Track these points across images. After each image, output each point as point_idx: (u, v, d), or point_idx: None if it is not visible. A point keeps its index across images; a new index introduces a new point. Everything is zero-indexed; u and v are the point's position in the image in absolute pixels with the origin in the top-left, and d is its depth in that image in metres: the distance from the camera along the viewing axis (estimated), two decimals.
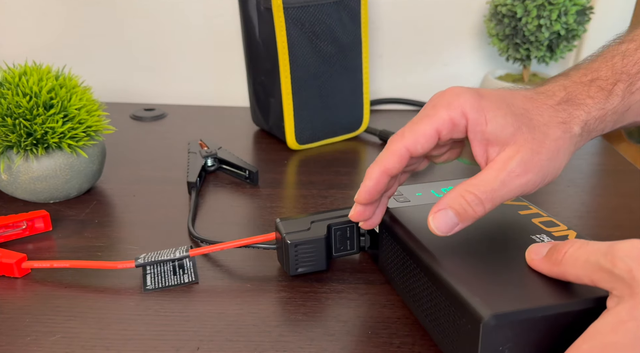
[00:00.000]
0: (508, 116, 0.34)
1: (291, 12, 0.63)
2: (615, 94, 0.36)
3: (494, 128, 0.33)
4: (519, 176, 0.33)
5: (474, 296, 0.30)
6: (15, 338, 0.36)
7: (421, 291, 0.36)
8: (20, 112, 0.49)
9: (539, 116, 0.35)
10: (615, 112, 0.36)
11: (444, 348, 0.33)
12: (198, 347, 0.36)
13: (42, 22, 0.85)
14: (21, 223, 0.48)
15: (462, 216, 0.33)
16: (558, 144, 0.34)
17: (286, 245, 0.41)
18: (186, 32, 0.85)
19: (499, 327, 0.28)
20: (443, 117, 0.34)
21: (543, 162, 0.33)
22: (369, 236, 0.44)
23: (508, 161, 0.33)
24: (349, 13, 0.67)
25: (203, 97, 0.89)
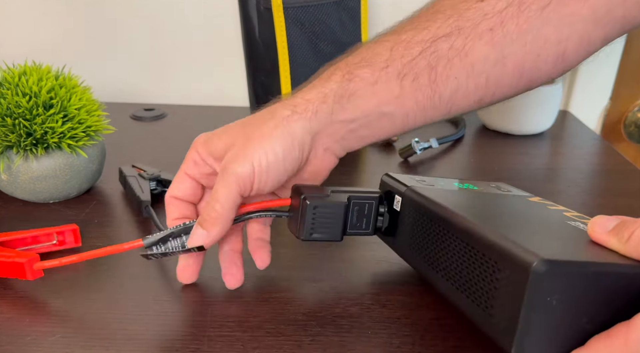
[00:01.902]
0: (224, 134, 0.39)
1: (291, 12, 0.63)
2: (332, 80, 0.38)
3: (213, 147, 0.39)
4: (225, 170, 0.36)
5: (519, 245, 0.28)
6: (15, 338, 0.36)
7: (451, 258, 0.33)
8: (20, 112, 0.49)
9: (252, 118, 0.39)
10: (335, 94, 0.38)
11: (476, 315, 0.31)
12: (198, 347, 0.36)
13: (42, 22, 0.85)
14: (52, 236, 0.46)
15: (206, 225, 0.37)
16: (262, 130, 0.37)
17: (305, 206, 0.38)
18: (186, 32, 0.85)
19: (549, 274, 0.26)
20: (186, 160, 0.40)
21: (247, 150, 0.36)
22: (388, 216, 0.41)
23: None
24: (349, 13, 0.67)
25: (203, 97, 0.89)
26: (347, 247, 0.48)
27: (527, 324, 0.26)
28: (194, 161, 0.40)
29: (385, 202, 0.41)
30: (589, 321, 0.27)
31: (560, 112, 0.86)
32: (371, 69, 0.38)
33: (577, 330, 0.27)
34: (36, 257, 0.40)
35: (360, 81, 0.38)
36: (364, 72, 0.38)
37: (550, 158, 0.71)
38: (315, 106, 0.38)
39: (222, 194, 0.36)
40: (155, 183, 0.55)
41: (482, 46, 0.36)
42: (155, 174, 0.56)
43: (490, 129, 0.79)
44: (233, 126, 0.40)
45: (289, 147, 0.37)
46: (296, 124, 0.37)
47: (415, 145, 0.67)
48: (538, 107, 0.75)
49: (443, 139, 0.72)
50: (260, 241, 0.42)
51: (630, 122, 0.90)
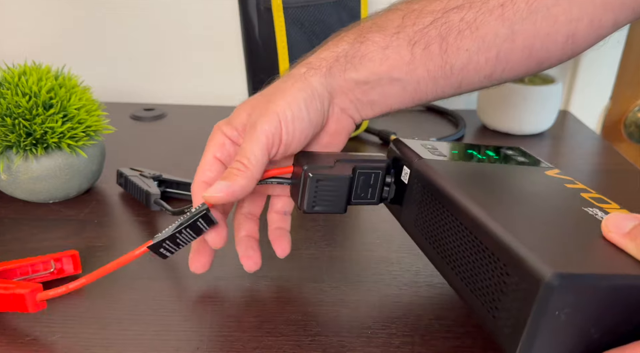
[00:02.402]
0: (244, 107, 0.39)
1: (291, 12, 0.63)
2: (344, 41, 0.39)
3: (236, 122, 0.39)
4: (253, 127, 0.36)
5: (532, 252, 0.26)
6: (15, 338, 0.36)
7: (458, 247, 0.31)
8: (19, 112, 0.49)
9: (271, 87, 0.39)
10: (346, 55, 0.38)
11: (480, 313, 0.29)
12: (198, 347, 0.36)
13: (41, 22, 0.85)
14: (49, 264, 0.42)
15: (229, 176, 0.35)
16: (281, 87, 0.37)
17: (306, 178, 0.37)
18: (186, 32, 0.85)
19: (561, 289, 0.24)
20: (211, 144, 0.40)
21: (270, 106, 0.36)
22: (395, 186, 0.40)
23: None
24: (349, 13, 0.67)
25: (203, 97, 0.89)
26: (347, 247, 0.48)
27: (533, 335, 0.25)
28: (221, 144, 0.39)
29: (392, 171, 0.39)
30: (597, 332, 0.26)
31: (561, 112, 0.86)
32: (382, 34, 0.38)
33: (585, 341, 0.26)
34: (39, 287, 0.36)
35: (372, 44, 0.38)
36: (376, 36, 0.38)
37: (551, 157, 0.71)
38: (329, 63, 0.38)
39: (250, 149, 0.35)
40: (157, 183, 0.55)
41: (492, 21, 0.37)
42: (157, 174, 0.56)
43: (490, 129, 0.79)
44: (250, 98, 0.40)
45: (309, 97, 0.37)
46: (313, 79, 0.38)
47: None
48: (538, 107, 0.75)
49: (443, 139, 0.72)
50: (280, 230, 0.42)
51: (630, 122, 0.90)
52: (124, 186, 0.57)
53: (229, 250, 0.47)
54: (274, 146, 0.36)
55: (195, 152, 0.69)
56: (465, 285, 0.30)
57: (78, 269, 0.43)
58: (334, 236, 0.49)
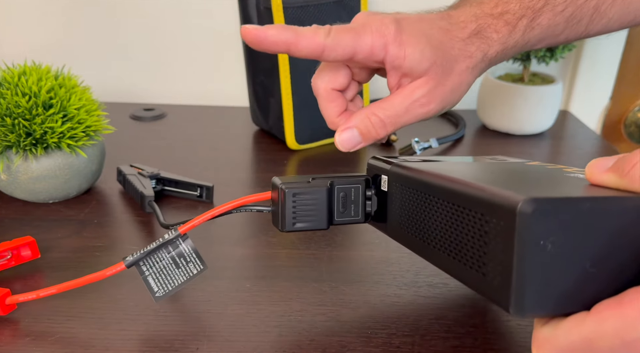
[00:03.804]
0: (426, 51, 0.35)
1: (291, 12, 0.63)
2: (518, 29, 0.38)
3: (411, 63, 0.35)
4: (422, 106, 0.36)
5: (505, 189, 0.25)
6: (14, 338, 0.36)
7: (439, 223, 0.31)
8: (19, 112, 0.49)
9: (452, 49, 0.37)
10: (515, 46, 0.38)
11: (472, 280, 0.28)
12: (197, 347, 0.36)
13: (41, 22, 0.85)
14: (5, 252, 0.43)
15: (365, 136, 0.37)
16: (462, 77, 0.37)
17: (283, 194, 0.37)
18: (186, 32, 0.85)
19: (538, 214, 0.23)
20: (366, 43, 0.35)
21: (446, 94, 0.36)
22: (377, 198, 0.39)
23: (415, 91, 0.36)
24: (349, 13, 0.67)
25: (203, 97, 0.89)
26: (347, 247, 0.48)
27: (522, 274, 0.24)
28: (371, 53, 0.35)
29: (372, 186, 0.39)
30: (592, 265, 0.24)
31: (561, 112, 0.86)
32: (552, 14, 0.38)
33: (582, 277, 0.24)
34: (7, 292, 0.38)
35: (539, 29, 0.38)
36: (545, 18, 0.38)
37: (551, 157, 0.71)
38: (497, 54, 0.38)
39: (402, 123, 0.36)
40: (155, 181, 0.55)
41: None
42: (155, 172, 0.56)
43: (490, 129, 0.79)
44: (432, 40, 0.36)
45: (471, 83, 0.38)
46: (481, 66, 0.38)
47: (415, 145, 0.67)
48: (538, 107, 0.75)
49: (443, 139, 0.72)
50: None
51: (630, 122, 0.90)
52: (122, 183, 0.57)
53: (229, 250, 0.47)
54: (419, 121, 0.37)
55: (195, 152, 0.69)
56: (455, 259, 0.29)
57: (36, 254, 0.44)
58: (334, 236, 0.49)
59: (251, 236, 0.49)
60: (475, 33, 0.37)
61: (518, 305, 0.24)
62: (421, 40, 0.35)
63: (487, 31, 0.37)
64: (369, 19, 0.35)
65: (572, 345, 0.24)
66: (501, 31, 0.37)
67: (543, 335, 0.25)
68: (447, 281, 0.43)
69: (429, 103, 0.36)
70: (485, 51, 0.37)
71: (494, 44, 0.37)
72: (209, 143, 0.72)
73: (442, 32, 0.37)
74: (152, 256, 0.38)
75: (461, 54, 0.37)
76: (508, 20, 0.37)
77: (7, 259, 0.43)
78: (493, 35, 0.37)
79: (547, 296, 0.24)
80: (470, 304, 0.41)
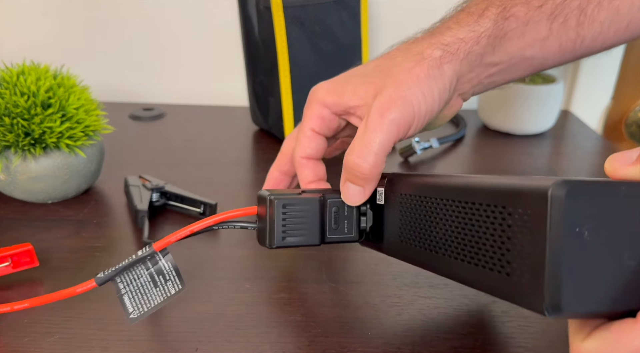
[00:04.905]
0: (357, 80, 0.36)
1: (290, 11, 0.63)
2: (486, 17, 0.35)
3: (349, 96, 0.35)
4: (383, 116, 0.33)
5: (529, 181, 0.23)
6: (13, 338, 0.36)
7: (452, 228, 0.29)
8: (18, 111, 0.49)
9: (391, 62, 0.35)
10: (489, 35, 0.35)
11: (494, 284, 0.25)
12: (197, 348, 0.36)
13: (40, 22, 0.85)
14: (5, 259, 0.42)
15: (358, 181, 0.34)
16: (415, 72, 0.34)
17: (272, 205, 0.34)
18: (185, 32, 0.85)
19: (573, 196, 0.21)
20: (310, 117, 0.37)
21: (404, 93, 0.33)
22: (372, 213, 0.37)
23: (366, 107, 0.35)
24: (349, 12, 0.67)
25: (202, 96, 0.89)
26: (347, 248, 0.47)
27: (557, 267, 0.21)
28: (321, 117, 0.37)
29: (367, 201, 0.37)
30: (631, 257, 0.22)
31: (562, 112, 0.86)
32: (526, 8, 0.36)
33: (621, 269, 0.22)
34: None
35: (514, 21, 0.35)
36: (519, 10, 0.36)
37: (552, 158, 0.71)
38: (468, 47, 0.35)
39: (378, 143, 0.33)
40: (158, 195, 0.53)
41: None
42: (160, 185, 0.53)
43: (491, 129, 0.79)
44: (363, 72, 0.37)
45: (443, 90, 0.34)
46: (448, 66, 0.34)
47: (416, 145, 0.67)
48: (539, 107, 0.75)
49: (444, 139, 0.71)
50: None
51: (631, 122, 0.90)
52: (126, 195, 0.56)
53: (228, 250, 0.47)
54: (401, 137, 0.34)
55: (195, 152, 0.69)
56: (470, 264, 0.27)
57: (34, 262, 0.43)
58: None
59: (251, 236, 0.49)
60: (427, 36, 0.36)
61: (553, 303, 0.21)
62: (351, 78, 0.37)
63: (441, 28, 0.36)
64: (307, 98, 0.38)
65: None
66: (463, 21, 0.36)
67: (587, 350, 0.23)
68: (448, 281, 0.43)
69: (388, 110, 0.33)
70: (439, 41, 0.35)
71: (457, 32, 0.35)
72: (209, 143, 0.72)
73: (380, 58, 0.37)
74: (130, 273, 0.36)
75: (404, 57, 0.35)
76: (470, 11, 0.36)
77: (6, 265, 0.42)
78: (452, 26, 0.36)
79: (585, 292, 0.21)
80: (471, 305, 0.40)
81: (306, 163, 0.38)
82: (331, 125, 0.37)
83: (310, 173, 0.38)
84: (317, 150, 0.38)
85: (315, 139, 0.38)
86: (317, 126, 0.37)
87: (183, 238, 0.35)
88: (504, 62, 0.37)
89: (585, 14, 0.36)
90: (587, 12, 0.36)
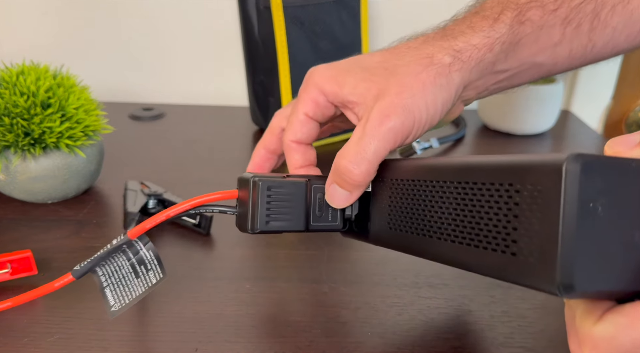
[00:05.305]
0: (360, 74, 0.33)
1: (290, 11, 0.63)
2: (501, 21, 0.34)
3: (348, 89, 0.33)
4: (382, 123, 0.31)
5: (536, 157, 0.22)
6: (12, 339, 0.36)
7: (449, 210, 0.28)
8: (17, 111, 0.49)
9: (398, 60, 0.33)
10: (504, 42, 0.34)
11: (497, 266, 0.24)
12: (196, 348, 0.36)
13: (40, 21, 0.84)
14: (4, 265, 0.41)
15: (347, 186, 0.32)
16: (421, 78, 0.32)
17: (255, 187, 0.32)
18: (185, 32, 0.85)
19: (587, 171, 0.20)
20: (305, 100, 0.35)
21: (406, 101, 0.32)
22: (357, 201, 0.35)
23: (370, 112, 0.32)
24: (349, 12, 0.67)
25: (202, 96, 0.89)
26: (347, 248, 0.47)
27: (570, 244, 0.20)
28: (316, 103, 0.35)
29: None
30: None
31: (562, 112, 0.86)
32: (541, 11, 0.34)
33: (632, 247, 0.22)
34: None
35: (530, 26, 0.34)
36: (535, 14, 0.34)
37: None
38: (482, 55, 0.33)
39: (373, 151, 0.31)
40: (155, 202, 0.51)
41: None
42: (159, 192, 0.52)
43: (491, 129, 0.79)
44: (367, 65, 0.34)
45: (448, 99, 0.33)
46: (457, 75, 0.33)
47: (416, 145, 0.67)
48: (539, 107, 0.75)
49: (444, 139, 0.71)
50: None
51: (632, 122, 0.90)
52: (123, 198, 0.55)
53: (228, 250, 0.47)
54: (397, 145, 0.32)
55: (195, 152, 0.69)
56: (470, 245, 0.26)
57: (32, 269, 0.42)
58: (334, 236, 0.49)
59: (250, 236, 0.49)
60: (440, 37, 0.34)
61: (566, 282, 0.20)
62: (353, 68, 0.34)
63: (454, 31, 0.34)
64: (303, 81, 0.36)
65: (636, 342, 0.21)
66: (477, 26, 0.34)
67: (600, 334, 0.22)
68: (448, 281, 0.43)
69: (389, 117, 0.31)
70: (451, 46, 0.33)
71: (470, 38, 0.33)
72: (209, 143, 0.71)
73: (385, 52, 0.35)
74: (112, 265, 0.34)
75: (413, 58, 0.33)
76: (485, 15, 0.34)
77: (6, 272, 0.41)
78: (466, 30, 0.34)
79: (597, 270, 0.21)
80: (471, 305, 0.40)
81: (296, 147, 0.36)
82: (326, 112, 0.36)
83: (300, 157, 0.36)
84: (308, 135, 0.36)
85: (307, 124, 0.36)
86: (312, 111, 0.35)
87: (159, 223, 0.34)
88: (513, 69, 0.36)
89: (599, 19, 0.35)
90: (601, 16, 0.35)
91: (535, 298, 0.41)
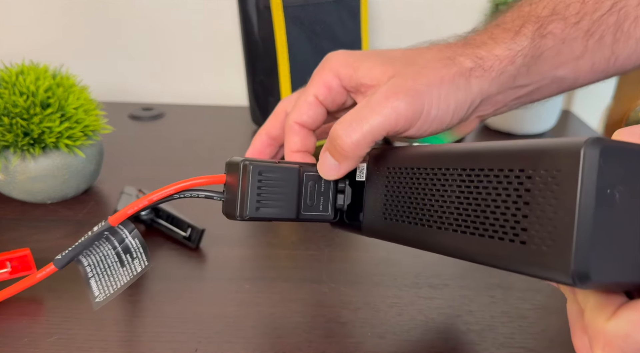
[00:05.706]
0: (378, 60, 0.32)
1: (290, 10, 0.63)
2: (522, 34, 0.33)
3: (364, 71, 0.32)
4: (387, 99, 0.30)
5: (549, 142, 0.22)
6: (12, 339, 0.36)
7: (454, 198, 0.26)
8: (17, 111, 0.49)
9: (419, 57, 0.33)
10: (525, 55, 0.33)
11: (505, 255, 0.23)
12: (196, 348, 0.35)
13: (40, 21, 0.84)
14: (4, 264, 0.40)
15: (336, 154, 0.31)
16: (440, 73, 0.31)
17: (246, 171, 0.31)
18: (185, 31, 0.85)
19: (606, 155, 0.20)
20: (317, 83, 0.34)
21: (420, 87, 0.30)
22: (350, 189, 0.34)
23: (378, 87, 0.31)
24: (349, 12, 0.67)
25: (202, 96, 0.89)
26: (347, 248, 0.47)
27: (586, 231, 0.20)
28: (329, 87, 0.34)
29: (345, 177, 0.34)
30: None
31: (562, 112, 0.86)
32: (563, 24, 0.33)
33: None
34: None
35: (551, 39, 0.33)
36: (556, 27, 0.33)
37: None
38: (503, 66, 0.33)
39: (370, 124, 0.30)
40: (149, 209, 0.49)
41: None
42: None
43: (491, 129, 0.79)
44: (387, 55, 0.34)
45: (462, 104, 0.32)
46: (476, 82, 0.32)
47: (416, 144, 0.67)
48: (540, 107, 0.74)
49: None
50: None
51: (632, 122, 0.90)
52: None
53: (228, 250, 0.47)
54: (397, 131, 0.31)
55: (195, 152, 0.69)
56: (475, 235, 0.25)
57: (31, 268, 0.41)
58: (334, 236, 0.49)
59: (250, 236, 0.49)
60: (461, 45, 0.34)
61: (581, 271, 0.20)
62: (372, 56, 0.33)
63: (477, 40, 0.34)
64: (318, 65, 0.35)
65: None
66: (499, 37, 0.34)
67: (614, 331, 0.21)
68: (448, 282, 0.43)
69: (396, 95, 0.30)
70: (474, 53, 0.33)
71: (492, 48, 0.33)
72: (208, 143, 0.71)
73: (407, 50, 0.34)
74: (97, 254, 0.33)
75: (434, 57, 0.33)
76: (506, 27, 0.34)
77: (6, 271, 0.41)
78: (487, 41, 0.34)
79: (614, 259, 0.20)
80: (471, 305, 0.40)
81: (298, 130, 0.34)
82: (337, 99, 0.34)
83: (299, 140, 0.35)
84: (313, 119, 0.34)
85: (315, 107, 0.34)
86: (322, 95, 0.34)
87: (142, 209, 0.32)
88: (534, 83, 0.35)
89: (622, 31, 0.34)
90: (624, 28, 0.34)
91: (536, 298, 0.41)
